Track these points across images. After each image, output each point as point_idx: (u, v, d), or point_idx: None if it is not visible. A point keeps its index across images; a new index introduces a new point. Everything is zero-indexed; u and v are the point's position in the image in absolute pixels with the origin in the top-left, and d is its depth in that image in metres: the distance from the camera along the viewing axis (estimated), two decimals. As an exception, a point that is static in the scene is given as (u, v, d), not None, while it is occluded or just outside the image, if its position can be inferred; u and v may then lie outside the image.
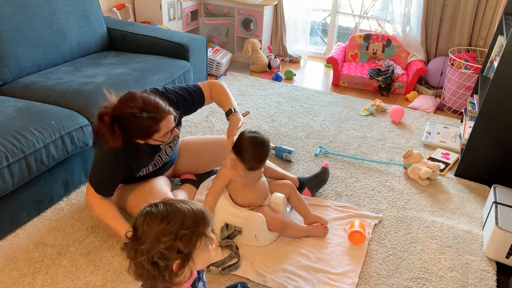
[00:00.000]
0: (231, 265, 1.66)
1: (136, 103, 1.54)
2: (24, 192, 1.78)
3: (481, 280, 1.70)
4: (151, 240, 0.99)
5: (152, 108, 1.55)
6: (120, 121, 1.55)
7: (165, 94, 1.78)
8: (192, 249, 1.02)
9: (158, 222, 0.99)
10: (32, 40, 2.27)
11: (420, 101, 3.17)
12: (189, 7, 3.71)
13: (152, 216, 1.01)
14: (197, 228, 1.02)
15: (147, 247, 0.99)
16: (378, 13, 4.08)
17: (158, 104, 1.58)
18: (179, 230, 0.99)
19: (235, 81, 3.43)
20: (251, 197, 1.81)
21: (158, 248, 0.99)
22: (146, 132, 1.59)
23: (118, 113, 1.55)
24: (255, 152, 1.68)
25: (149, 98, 1.57)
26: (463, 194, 2.20)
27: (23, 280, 1.59)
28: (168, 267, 1.00)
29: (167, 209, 1.02)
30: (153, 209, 1.02)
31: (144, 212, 1.03)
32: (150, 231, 0.99)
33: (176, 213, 1.01)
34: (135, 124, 1.55)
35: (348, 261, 1.73)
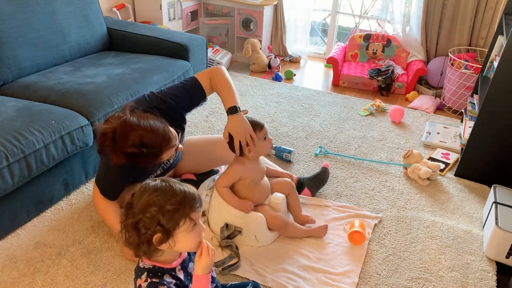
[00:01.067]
0: (231, 265, 1.66)
1: (134, 141, 1.48)
2: (24, 192, 1.78)
3: (481, 280, 1.70)
4: (139, 207, 1.08)
5: (151, 143, 1.51)
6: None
7: (163, 99, 1.73)
8: (174, 227, 1.08)
9: (150, 192, 1.08)
10: (32, 40, 2.27)
11: (420, 101, 3.17)
12: (189, 7, 3.71)
13: (147, 187, 1.10)
14: (182, 207, 1.08)
15: (135, 211, 1.08)
16: (378, 13, 4.08)
17: (158, 136, 1.52)
18: (165, 205, 1.06)
19: (235, 81, 3.43)
20: (257, 193, 1.81)
21: (143, 215, 1.06)
22: (148, 163, 1.58)
23: (119, 149, 1.50)
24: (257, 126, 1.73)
25: (148, 130, 1.51)
26: (463, 194, 2.20)
27: (23, 280, 1.59)
28: (147, 235, 1.07)
29: (162, 184, 1.10)
30: (151, 182, 1.12)
31: (143, 184, 1.12)
32: (141, 199, 1.08)
33: (168, 189, 1.09)
34: (137, 159, 1.53)
35: (348, 261, 1.73)
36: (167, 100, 1.74)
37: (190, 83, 1.82)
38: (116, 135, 1.50)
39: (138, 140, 1.49)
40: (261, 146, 1.74)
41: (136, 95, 2.23)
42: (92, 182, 2.12)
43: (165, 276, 1.13)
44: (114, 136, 1.50)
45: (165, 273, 1.14)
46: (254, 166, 1.79)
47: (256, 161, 1.80)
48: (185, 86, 1.81)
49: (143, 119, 1.54)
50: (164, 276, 1.13)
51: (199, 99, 1.84)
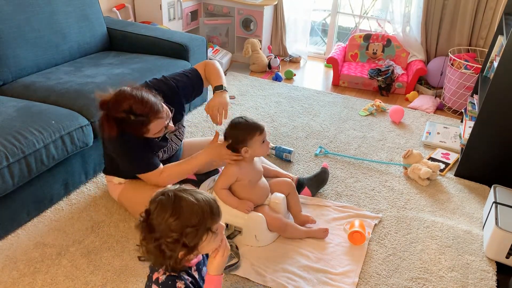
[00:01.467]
0: (231, 265, 1.66)
1: (124, 106, 1.58)
2: (24, 192, 1.78)
3: (481, 280, 1.70)
4: (160, 231, 1.06)
5: (139, 111, 1.59)
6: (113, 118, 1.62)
7: (164, 81, 1.85)
8: (198, 243, 1.08)
9: (168, 216, 1.06)
10: (32, 40, 2.27)
11: (420, 101, 3.17)
12: (189, 7, 3.71)
13: (163, 207, 1.07)
14: (203, 225, 1.08)
15: (156, 236, 1.06)
16: (378, 13, 4.08)
17: (146, 106, 1.60)
18: (186, 228, 1.05)
19: (235, 81, 3.43)
20: (255, 194, 1.81)
21: (165, 239, 1.06)
22: (136, 132, 1.65)
23: (110, 114, 1.60)
24: (252, 129, 1.72)
25: (138, 100, 1.59)
26: (463, 194, 2.20)
27: (23, 280, 1.59)
28: (173, 256, 1.09)
29: (176, 203, 1.07)
30: (164, 200, 1.08)
31: (157, 201, 1.09)
32: (160, 222, 1.06)
33: (185, 208, 1.07)
34: (125, 125, 1.61)
35: (348, 261, 1.73)
36: (168, 82, 1.85)
37: (190, 71, 1.96)
38: (110, 102, 1.61)
39: (127, 107, 1.58)
40: (258, 149, 1.74)
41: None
42: (92, 182, 2.12)
43: (182, 273, 1.15)
44: (109, 103, 1.61)
45: (182, 270, 1.16)
46: (250, 167, 1.79)
47: (251, 162, 1.80)
48: (185, 72, 1.95)
49: (136, 89, 1.64)
50: (181, 272, 1.15)
51: (197, 86, 1.96)
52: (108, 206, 1.97)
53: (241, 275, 1.64)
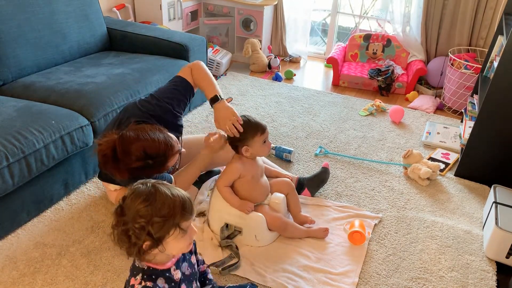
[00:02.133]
0: (231, 265, 1.66)
1: (138, 155, 1.49)
2: (24, 192, 1.78)
3: (481, 280, 1.70)
4: (129, 215, 1.08)
5: (153, 154, 1.52)
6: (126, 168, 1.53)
7: (158, 104, 1.75)
8: (164, 236, 1.08)
9: (140, 201, 1.07)
10: (32, 40, 2.27)
11: (420, 101, 3.17)
12: (189, 7, 3.71)
13: (137, 193, 1.09)
14: (172, 218, 1.08)
15: (125, 220, 1.08)
16: (378, 13, 4.08)
17: (160, 145, 1.53)
18: (153, 216, 1.06)
19: (235, 81, 3.43)
20: (257, 191, 1.81)
21: (132, 225, 1.07)
22: (155, 173, 1.59)
23: (123, 166, 1.51)
24: (254, 129, 1.71)
25: (149, 142, 1.51)
26: (463, 194, 2.20)
27: (23, 280, 1.59)
28: (137, 244, 1.08)
29: (151, 191, 1.09)
30: (141, 187, 1.10)
31: (134, 187, 1.11)
32: (131, 207, 1.08)
33: (157, 198, 1.08)
34: (143, 171, 1.53)
35: (348, 261, 1.73)
36: (162, 104, 1.76)
37: (179, 83, 1.84)
38: (117, 153, 1.49)
39: (141, 152, 1.49)
40: (259, 149, 1.74)
41: (136, 95, 2.23)
42: (92, 182, 2.12)
43: (158, 280, 1.13)
44: (115, 154, 1.50)
45: (159, 276, 1.14)
46: (252, 163, 1.79)
47: (253, 159, 1.80)
48: (176, 87, 1.83)
49: (141, 131, 1.53)
50: (158, 279, 1.13)
51: (189, 96, 1.88)
52: (108, 206, 1.97)
53: (241, 275, 1.64)
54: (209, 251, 1.75)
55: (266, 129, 1.74)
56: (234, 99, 3.11)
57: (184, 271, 1.23)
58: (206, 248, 1.76)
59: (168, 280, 1.15)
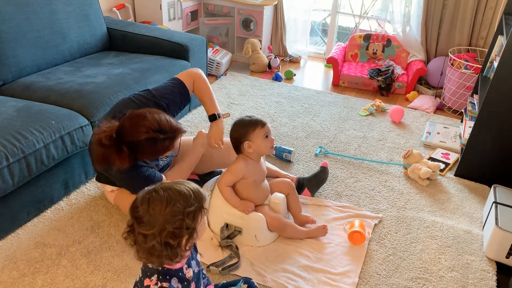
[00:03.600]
0: (231, 265, 1.66)
1: (151, 126, 1.51)
2: (24, 192, 1.78)
3: (481, 280, 1.70)
4: (160, 224, 1.07)
5: (166, 129, 1.55)
6: (133, 145, 1.52)
7: (154, 101, 1.76)
8: (196, 223, 1.11)
9: (164, 206, 1.07)
10: (32, 40, 2.27)
11: (420, 101, 3.17)
12: (189, 7, 3.71)
13: (157, 201, 1.08)
14: (200, 203, 1.12)
15: (158, 230, 1.07)
16: (378, 13, 4.08)
17: (171, 123, 1.57)
18: (186, 209, 1.08)
19: (235, 81, 3.43)
20: (258, 194, 1.81)
21: (168, 228, 1.07)
22: (161, 152, 1.60)
23: (131, 139, 1.51)
24: (253, 123, 1.73)
25: (160, 118, 1.54)
26: (463, 194, 2.20)
27: (23, 280, 1.59)
28: (180, 244, 1.10)
29: (168, 193, 1.09)
30: (154, 195, 1.09)
31: (147, 199, 1.09)
32: (158, 216, 1.07)
33: (177, 195, 1.09)
34: (151, 147, 1.53)
35: (348, 261, 1.73)
36: (159, 102, 1.77)
37: (179, 87, 1.86)
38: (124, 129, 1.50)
39: (154, 124, 1.50)
40: (261, 143, 1.73)
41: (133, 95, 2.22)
42: (92, 182, 2.13)
43: (172, 280, 1.15)
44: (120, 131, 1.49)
45: (173, 276, 1.15)
46: (256, 166, 1.79)
47: (258, 161, 1.80)
48: (174, 89, 1.85)
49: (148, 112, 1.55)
50: (172, 279, 1.15)
51: (185, 103, 1.91)
52: (108, 206, 1.97)
53: (241, 275, 1.64)
54: (209, 251, 1.75)
55: (266, 125, 1.75)
56: (234, 99, 3.11)
57: (194, 269, 1.25)
58: (206, 248, 1.76)
59: (181, 279, 1.17)
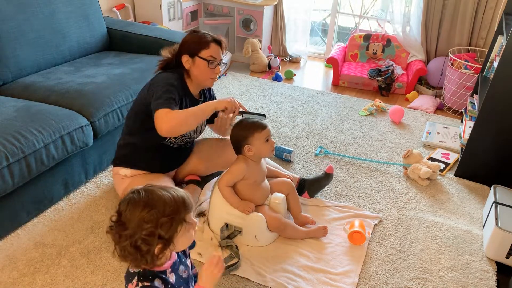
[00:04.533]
0: (231, 265, 1.66)
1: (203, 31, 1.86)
2: (24, 192, 1.78)
3: (481, 280, 1.70)
4: (133, 226, 1.03)
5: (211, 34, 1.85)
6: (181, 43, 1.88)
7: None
8: (173, 234, 1.06)
9: (140, 209, 1.04)
10: (32, 40, 2.27)
11: (420, 101, 3.18)
12: (189, 7, 3.71)
13: (134, 203, 1.05)
14: (178, 215, 1.06)
15: (130, 232, 1.04)
16: (378, 13, 4.08)
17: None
18: (160, 218, 1.04)
19: (235, 81, 3.43)
20: (258, 195, 1.81)
21: (140, 234, 1.03)
22: (197, 42, 1.82)
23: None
24: (253, 127, 1.73)
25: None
26: (463, 194, 2.20)
27: (23, 280, 1.59)
28: (150, 251, 1.05)
29: (148, 196, 1.06)
30: (135, 196, 1.06)
31: (127, 199, 1.07)
32: (133, 218, 1.04)
33: (157, 200, 1.06)
34: (191, 36, 1.86)
35: (348, 261, 1.73)
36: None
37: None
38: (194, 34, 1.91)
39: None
40: (261, 147, 1.73)
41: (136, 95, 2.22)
42: (92, 182, 2.12)
43: (155, 280, 1.11)
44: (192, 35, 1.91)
45: (156, 277, 1.12)
46: (257, 167, 1.79)
47: (258, 162, 1.80)
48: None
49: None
50: (154, 280, 1.11)
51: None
52: (108, 206, 1.98)
53: (241, 275, 1.64)
54: (209, 251, 1.74)
55: (267, 127, 1.74)
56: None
57: (182, 274, 1.21)
58: (206, 248, 1.76)
59: (164, 281, 1.13)
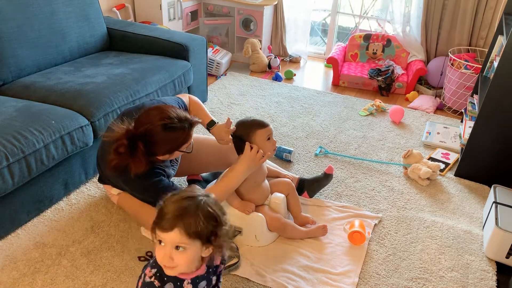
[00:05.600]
0: (231, 265, 1.66)
1: (169, 114, 1.51)
2: (24, 192, 1.78)
3: (481, 280, 1.70)
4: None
5: (182, 117, 1.55)
6: (147, 137, 1.51)
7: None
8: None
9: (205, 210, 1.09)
10: (32, 40, 2.27)
11: (420, 101, 3.18)
12: (189, 7, 3.71)
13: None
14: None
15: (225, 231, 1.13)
16: (378, 13, 4.07)
17: (185, 114, 1.58)
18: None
19: (235, 81, 3.43)
20: (258, 195, 1.81)
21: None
22: (179, 142, 1.57)
23: (146, 129, 1.50)
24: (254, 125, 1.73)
25: (175, 109, 1.56)
26: (463, 194, 2.20)
27: (23, 280, 1.59)
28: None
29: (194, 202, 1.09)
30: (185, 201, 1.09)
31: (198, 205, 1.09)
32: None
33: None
34: (168, 135, 1.52)
35: (348, 261, 1.73)
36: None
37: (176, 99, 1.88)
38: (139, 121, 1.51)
39: (172, 113, 1.51)
40: (262, 145, 1.73)
41: (136, 95, 2.23)
42: (92, 182, 2.13)
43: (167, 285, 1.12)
44: (135, 124, 1.51)
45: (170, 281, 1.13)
46: (258, 167, 1.79)
47: None
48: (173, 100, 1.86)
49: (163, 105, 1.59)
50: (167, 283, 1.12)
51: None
52: (108, 206, 1.97)
53: (241, 275, 1.64)
54: (209, 251, 1.74)
55: (268, 126, 1.74)
56: (234, 99, 3.11)
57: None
58: (206, 248, 1.76)
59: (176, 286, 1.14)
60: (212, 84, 3.34)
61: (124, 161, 1.52)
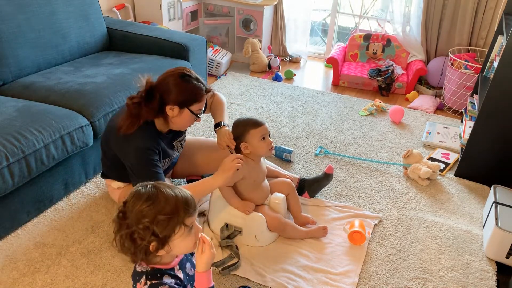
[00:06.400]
0: (231, 265, 1.66)
1: (189, 70, 1.63)
2: (24, 192, 1.78)
3: (481, 280, 1.70)
4: (132, 217, 1.06)
5: (201, 79, 1.65)
6: (163, 86, 1.59)
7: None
8: (169, 235, 1.07)
9: (142, 202, 1.06)
10: (32, 40, 2.27)
11: (420, 101, 3.17)
12: (189, 7, 3.71)
13: (139, 195, 1.07)
14: (176, 215, 1.06)
15: (129, 223, 1.06)
16: (378, 13, 4.07)
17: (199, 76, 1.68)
18: (157, 215, 1.04)
19: (235, 81, 3.43)
20: (258, 195, 1.82)
21: (136, 227, 1.05)
22: (192, 97, 1.61)
23: (165, 77, 1.60)
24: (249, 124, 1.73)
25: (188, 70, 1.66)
26: (463, 194, 2.20)
27: (23, 280, 1.59)
28: (143, 245, 1.06)
29: (153, 191, 1.07)
30: (142, 189, 1.09)
31: (134, 191, 1.09)
32: (134, 209, 1.06)
33: (159, 197, 1.07)
34: (183, 85, 1.59)
35: (348, 261, 1.73)
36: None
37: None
38: (158, 80, 1.64)
39: (194, 73, 1.66)
40: (257, 144, 1.73)
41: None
42: (92, 182, 2.12)
43: (164, 277, 1.13)
44: (160, 78, 1.64)
45: (164, 274, 1.14)
46: (256, 167, 1.79)
47: (257, 162, 1.80)
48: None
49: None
50: (163, 277, 1.13)
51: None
52: (108, 206, 1.98)
53: (241, 275, 1.64)
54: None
55: (263, 125, 1.74)
56: (234, 99, 3.11)
57: (188, 272, 1.22)
58: (206, 248, 1.76)
59: (174, 277, 1.15)
60: (212, 84, 3.34)
61: (137, 109, 1.58)
